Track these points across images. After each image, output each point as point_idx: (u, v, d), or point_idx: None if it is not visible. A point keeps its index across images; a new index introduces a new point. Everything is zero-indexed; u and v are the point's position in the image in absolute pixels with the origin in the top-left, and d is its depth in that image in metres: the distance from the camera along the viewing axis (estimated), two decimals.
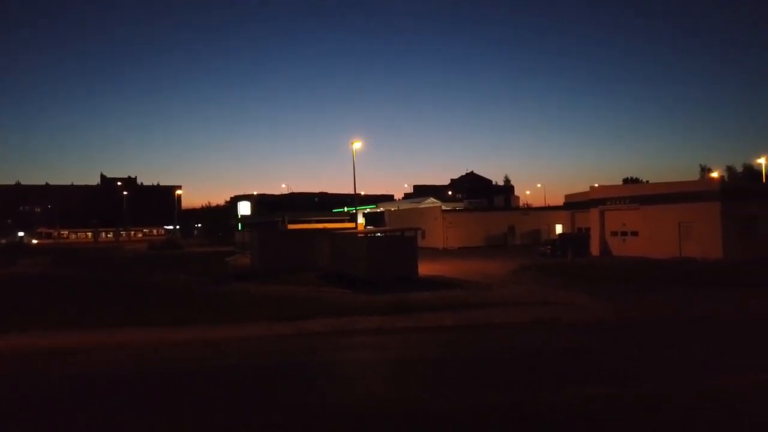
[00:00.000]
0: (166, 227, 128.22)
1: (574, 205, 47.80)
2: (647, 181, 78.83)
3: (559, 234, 47.60)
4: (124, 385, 10.74)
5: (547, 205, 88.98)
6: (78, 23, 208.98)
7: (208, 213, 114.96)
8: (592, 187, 46.07)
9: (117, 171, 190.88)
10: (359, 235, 33.85)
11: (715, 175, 76.20)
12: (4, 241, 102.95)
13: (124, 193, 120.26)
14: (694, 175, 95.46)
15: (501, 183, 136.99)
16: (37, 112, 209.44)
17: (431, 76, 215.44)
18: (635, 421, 8.04)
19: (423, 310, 18.04)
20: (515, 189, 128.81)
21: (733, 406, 8.67)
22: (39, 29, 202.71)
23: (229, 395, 9.79)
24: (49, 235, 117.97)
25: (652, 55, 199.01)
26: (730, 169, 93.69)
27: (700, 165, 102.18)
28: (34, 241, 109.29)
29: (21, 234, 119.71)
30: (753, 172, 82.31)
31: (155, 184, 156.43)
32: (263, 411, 8.83)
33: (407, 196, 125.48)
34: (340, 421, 8.21)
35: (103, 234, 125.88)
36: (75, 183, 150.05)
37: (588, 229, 43.79)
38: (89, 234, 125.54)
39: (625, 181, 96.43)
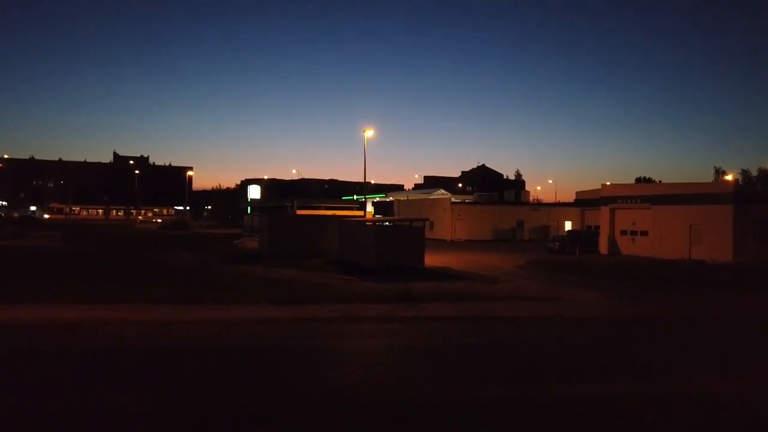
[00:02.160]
0: (176, 207, 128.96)
1: (585, 202, 47.54)
2: (660, 181, 78.16)
3: (568, 230, 47.42)
4: (125, 360, 10.87)
5: (557, 201, 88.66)
6: (93, 3, 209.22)
7: (218, 195, 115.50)
8: (603, 185, 45.74)
9: (129, 149, 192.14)
10: (368, 223, 33.84)
11: (729, 177, 75.45)
12: (16, 215, 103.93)
13: (136, 171, 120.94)
14: (708, 177, 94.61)
15: (512, 177, 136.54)
16: (51, 88, 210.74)
17: (446, 67, 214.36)
18: (634, 420, 8.03)
19: (428, 301, 18.07)
20: (526, 184, 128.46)
21: (734, 407, 8.65)
22: (54, 7, 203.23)
23: (228, 375, 9.90)
24: (60, 211, 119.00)
25: (670, 54, 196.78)
26: (744, 173, 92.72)
27: (715, 167, 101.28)
28: (46, 216, 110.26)
29: (33, 208, 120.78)
30: None
31: (167, 164, 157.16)
32: (259, 391, 8.91)
33: (417, 186, 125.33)
34: (336, 406, 8.28)
35: (114, 212, 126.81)
36: (88, 159, 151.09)
37: (597, 227, 43.56)
38: (100, 211, 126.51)
39: (638, 180, 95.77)
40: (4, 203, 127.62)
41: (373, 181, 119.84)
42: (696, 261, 32.57)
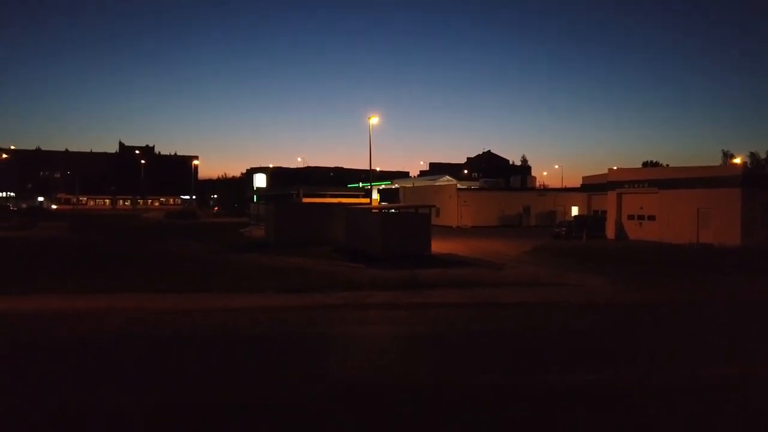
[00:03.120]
0: (182, 197, 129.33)
1: (592, 187, 47.25)
2: (667, 165, 77.57)
3: (574, 216, 47.19)
4: (128, 351, 10.93)
5: (564, 186, 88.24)
6: None
7: (224, 184, 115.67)
8: (610, 170, 45.44)
9: (135, 139, 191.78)
10: (373, 210, 33.80)
11: (737, 160, 74.76)
12: (24, 206, 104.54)
13: (142, 161, 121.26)
14: (716, 161, 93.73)
15: (518, 163, 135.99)
16: (57, 79, 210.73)
17: (451, 54, 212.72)
18: (636, 407, 7.98)
19: (434, 287, 18.06)
20: (532, 169, 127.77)
21: (738, 394, 8.59)
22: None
23: (230, 366, 9.94)
24: (68, 201, 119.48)
25: (676, 37, 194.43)
26: (753, 156, 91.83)
27: (723, 150, 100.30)
28: (53, 207, 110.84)
29: (40, 199, 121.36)
30: None
31: (172, 153, 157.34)
32: (261, 385, 8.94)
33: (423, 173, 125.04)
34: (339, 392, 8.29)
35: (121, 201, 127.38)
36: (94, 150, 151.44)
37: (604, 212, 43.35)
38: (107, 201, 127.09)
39: (645, 164, 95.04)
40: (11, 194, 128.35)
41: (378, 169, 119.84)
42: (704, 245, 32.38)
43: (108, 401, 7.95)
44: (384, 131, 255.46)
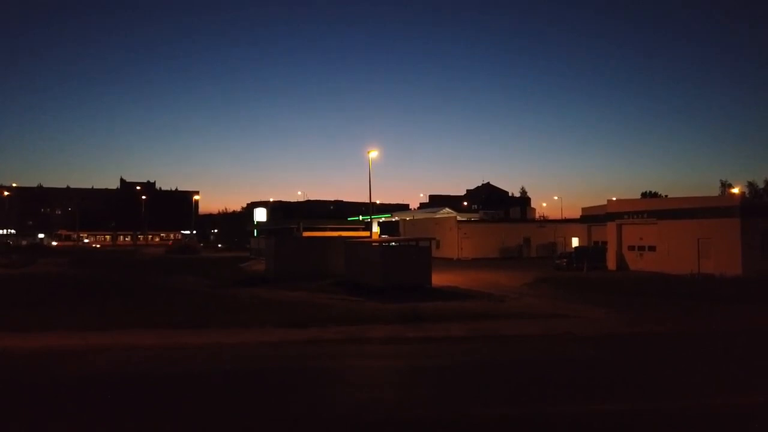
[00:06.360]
0: (183, 232, 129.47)
1: (591, 218, 47.44)
2: (666, 196, 77.91)
3: (575, 247, 47.22)
4: (130, 386, 10.84)
5: (563, 217, 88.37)
6: (99, 29, 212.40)
7: (224, 219, 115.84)
8: (609, 201, 45.71)
9: (136, 175, 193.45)
10: (374, 243, 33.86)
11: (735, 190, 75.02)
12: (24, 243, 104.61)
13: (143, 197, 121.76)
14: (715, 191, 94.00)
15: (517, 194, 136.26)
16: (58, 116, 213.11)
17: (449, 86, 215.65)
18: None
19: (435, 321, 17.97)
20: (532, 201, 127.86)
21: (746, 423, 8.51)
22: (60, 33, 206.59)
23: (234, 400, 9.85)
24: (68, 237, 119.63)
25: (674, 68, 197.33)
26: (751, 185, 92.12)
27: (721, 180, 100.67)
28: (54, 243, 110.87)
29: (41, 236, 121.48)
30: None
31: (173, 189, 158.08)
32: (262, 416, 8.85)
33: (423, 205, 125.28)
34: (338, 426, 8.21)
35: (121, 237, 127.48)
36: (95, 186, 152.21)
37: (605, 243, 43.41)
38: (108, 237, 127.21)
39: (644, 195, 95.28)
40: (12, 231, 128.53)
41: (378, 202, 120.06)
42: (705, 275, 32.33)
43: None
44: (383, 163, 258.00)
